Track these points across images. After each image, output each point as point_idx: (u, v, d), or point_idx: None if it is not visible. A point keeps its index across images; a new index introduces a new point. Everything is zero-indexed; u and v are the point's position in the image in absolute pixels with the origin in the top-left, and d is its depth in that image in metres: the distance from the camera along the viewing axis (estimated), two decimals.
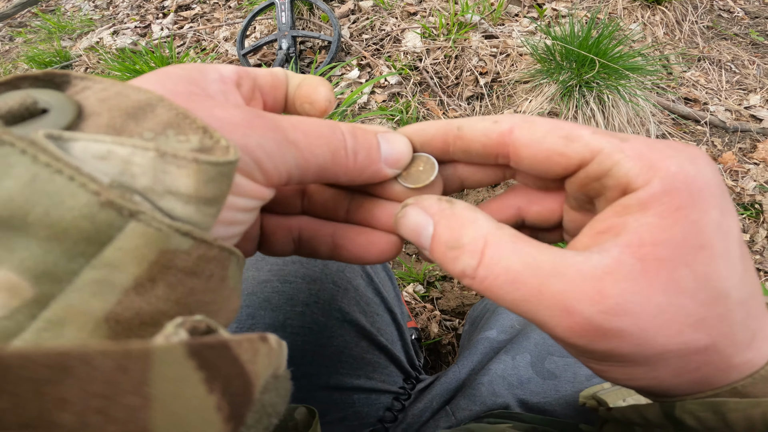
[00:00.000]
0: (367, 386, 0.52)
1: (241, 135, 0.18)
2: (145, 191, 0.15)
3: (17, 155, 0.13)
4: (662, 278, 0.18)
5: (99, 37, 2.02)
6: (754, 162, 1.46)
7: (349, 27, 1.76)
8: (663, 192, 0.18)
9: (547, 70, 1.44)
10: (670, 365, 0.19)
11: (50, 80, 0.17)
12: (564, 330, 0.18)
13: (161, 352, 0.12)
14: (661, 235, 0.18)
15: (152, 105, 0.16)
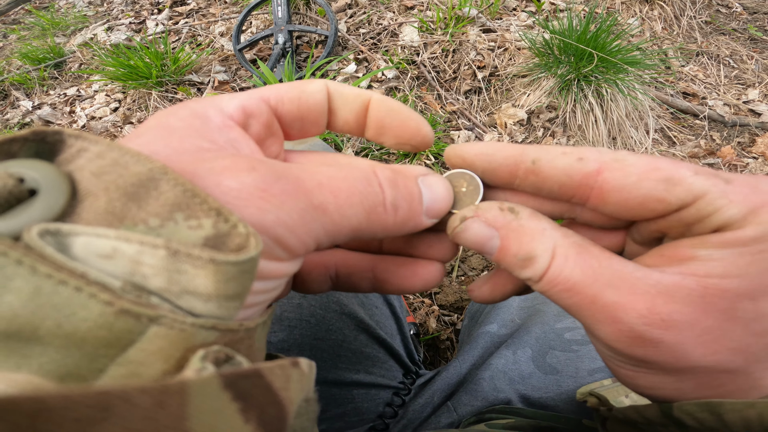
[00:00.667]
0: (367, 381, 0.51)
1: (257, 210, 0.16)
2: (160, 291, 0.14)
3: (13, 266, 0.12)
4: (719, 307, 0.18)
5: (93, 33, 2.00)
6: (753, 156, 1.46)
7: (346, 21, 1.75)
8: (753, 238, 0.17)
9: (545, 64, 1.43)
10: (696, 379, 0.19)
11: (41, 140, 0.15)
12: (607, 334, 0.19)
13: (197, 385, 0.12)
14: (734, 271, 0.18)
15: (155, 180, 0.14)
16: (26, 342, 0.12)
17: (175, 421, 0.11)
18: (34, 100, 1.78)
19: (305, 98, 0.22)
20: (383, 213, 0.19)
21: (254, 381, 0.13)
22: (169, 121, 0.18)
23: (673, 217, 0.19)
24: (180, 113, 0.19)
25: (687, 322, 0.18)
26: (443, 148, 1.28)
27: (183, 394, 0.11)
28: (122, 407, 0.10)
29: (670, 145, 1.49)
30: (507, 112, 1.45)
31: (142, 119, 1.59)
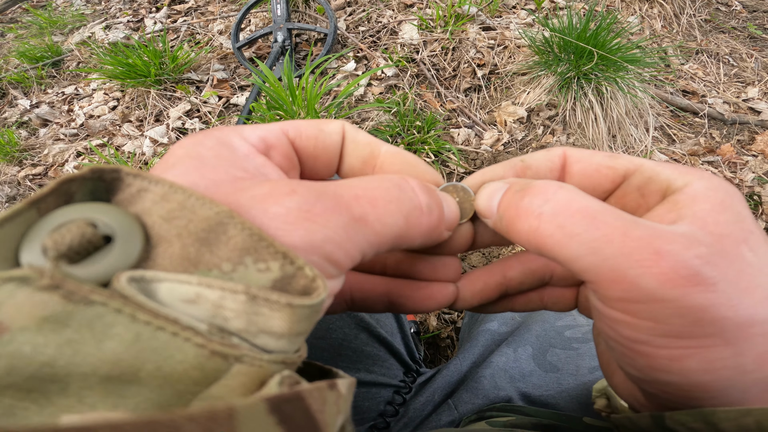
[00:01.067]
0: (368, 380, 0.51)
1: (305, 232, 0.16)
2: (239, 332, 0.15)
3: (112, 315, 0.13)
4: (733, 250, 0.17)
5: (91, 31, 1.99)
6: (753, 154, 1.46)
7: (345, 19, 1.74)
8: (706, 189, 0.19)
9: (545, 61, 1.43)
10: (756, 346, 0.17)
11: (99, 178, 0.16)
12: (654, 277, 0.17)
13: (245, 410, 0.12)
14: (718, 218, 0.18)
15: (223, 225, 0.15)
16: (124, 383, 0.13)
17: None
18: (32, 98, 1.77)
19: (322, 137, 0.23)
20: (420, 216, 0.20)
21: (295, 404, 0.13)
22: (198, 150, 0.19)
23: (624, 186, 0.22)
24: (207, 142, 0.19)
25: (723, 261, 0.17)
26: (443, 146, 1.28)
27: (231, 420, 0.11)
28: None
29: (669, 143, 1.49)
30: (507, 110, 1.45)
31: (141, 117, 1.58)
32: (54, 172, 1.50)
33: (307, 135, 0.22)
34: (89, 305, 0.13)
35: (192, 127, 1.52)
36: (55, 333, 0.12)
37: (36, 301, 0.12)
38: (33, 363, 0.12)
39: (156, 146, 1.48)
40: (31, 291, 0.12)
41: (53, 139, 1.60)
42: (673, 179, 0.20)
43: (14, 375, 0.12)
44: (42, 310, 0.12)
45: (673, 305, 0.17)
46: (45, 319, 0.12)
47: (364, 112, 1.42)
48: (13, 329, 0.12)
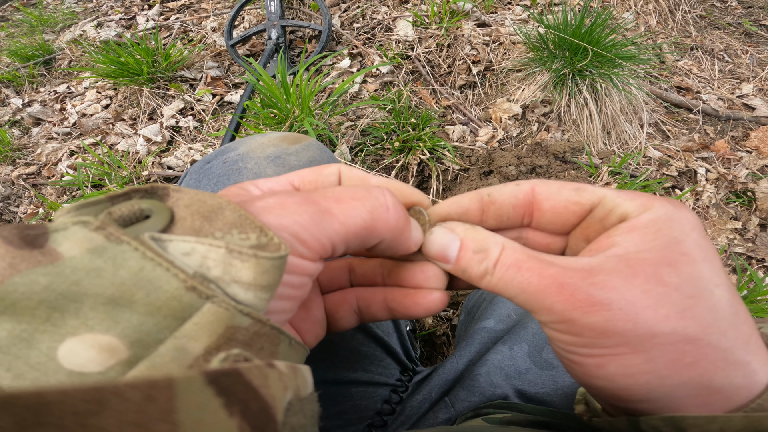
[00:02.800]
0: (364, 379, 0.51)
1: (276, 216, 0.21)
2: (216, 280, 0.19)
3: (131, 251, 0.17)
4: (646, 272, 0.21)
5: (82, 29, 1.97)
6: (747, 150, 1.46)
7: (339, 16, 1.73)
8: (650, 219, 0.22)
9: (540, 58, 1.42)
10: (665, 354, 0.20)
11: (154, 192, 0.21)
12: (561, 303, 0.22)
13: (183, 381, 0.13)
14: (644, 246, 0.22)
15: (222, 208, 0.20)
16: (120, 307, 0.16)
17: (165, 414, 0.12)
18: (24, 97, 1.76)
19: (321, 179, 0.28)
20: (386, 212, 0.24)
21: (234, 378, 0.15)
22: (224, 193, 0.25)
23: (588, 218, 0.25)
24: (231, 190, 0.25)
25: (624, 285, 0.21)
26: (438, 144, 1.28)
27: (170, 389, 0.13)
28: (115, 401, 0.12)
29: (664, 139, 1.49)
30: (502, 107, 1.45)
31: (134, 116, 1.57)
32: (47, 171, 1.49)
33: (309, 180, 0.27)
34: (119, 243, 0.17)
35: (186, 125, 1.51)
36: (90, 261, 0.17)
37: (87, 237, 0.17)
38: (66, 281, 0.16)
39: (150, 145, 1.47)
40: (87, 231, 0.17)
41: (46, 138, 1.59)
42: (631, 210, 0.23)
43: (50, 290, 0.16)
44: (89, 244, 0.17)
45: (580, 322, 0.21)
46: (88, 250, 0.17)
47: (359, 110, 1.41)
48: (66, 258, 0.17)
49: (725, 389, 0.21)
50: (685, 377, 0.21)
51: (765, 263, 1.23)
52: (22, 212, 1.43)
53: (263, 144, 0.54)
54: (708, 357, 0.20)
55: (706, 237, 0.22)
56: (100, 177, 1.36)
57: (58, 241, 0.17)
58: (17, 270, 0.16)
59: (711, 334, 0.20)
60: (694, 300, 0.21)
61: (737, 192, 1.36)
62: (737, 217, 1.32)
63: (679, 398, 0.21)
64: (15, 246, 0.16)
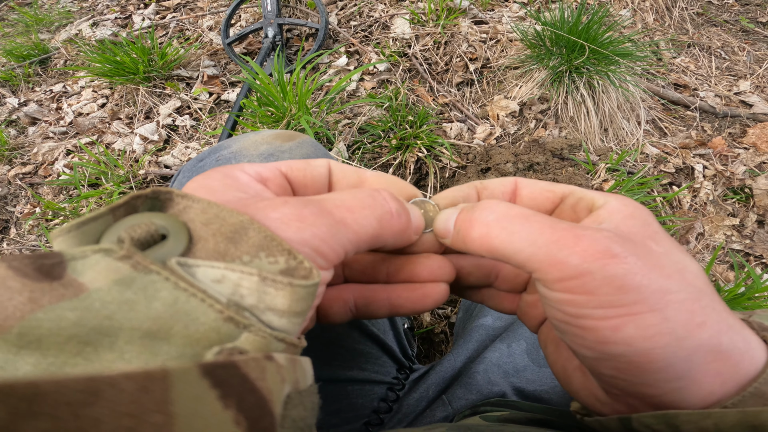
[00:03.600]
0: (361, 377, 0.50)
1: (296, 230, 0.21)
2: (250, 308, 0.19)
3: (162, 282, 0.17)
4: (640, 242, 0.22)
5: (78, 29, 1.96)
6: (744, 147, 1.46)
7: (336, 14, 1.73)
8: (620, 205, 0.24)
9: (537, 55, 1.42)
10: (679, 313, 0.20)
11: (156, 197, 0.20)
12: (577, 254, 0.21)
13: (178, 373, 0.13)
14: (626, 223, 0.23)
15: (245, 228, 0.20)
16: (158, 340, 0.16)
17: (159, 404, 0.12)
18: (20, 97, 1.75)
19: (310, 169, 0.28)
20: (390, 219, 0.24)
21: (230, 371, 0.15)
22: (207, 182, 0.23)
23: (561, 205, 0.28)
24: (214, 176, 0.24)
25: (632, 245, 0.21)
26: (435, 141, 1.27)
27: (165, 380, 0.13)
28: (109, 391, 0.12)
29: (661, 136, 1.49)
30: (499, 104, 1.44)
31: (131, 115, 1.56)
32: (44, 170, 1.48)
33: (297, 167, 0.27)
34: (148, 273, 0.17)
35: (183, 124, 1.50)
36: (119, 293, 0.16)
37: (112, 268, 0.17)
38: (98, 316, 0.16)
39: (146, 143, 1.46)
40: (111, 260, 0.17)
41: (42, 138, 1.58)
42: (596, 199, 0.26)
43: (81, 326, 0.15)
44: (115, 275, 0.16)
45: (597, 276, 0.20)
46: (115, 281, 0.16)
47: (357, 107, 1.41)
48: (91, 290, 0.16)
49: (732, 354, 0.21)
50: (699, 339, 0.20)
51: (763, 260, 1.23)
52: (18, 212, 1.42)
53: (257, 141, 0.54)
54: (711, 317, 0.21)
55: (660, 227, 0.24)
56: (96, 176, 1.36)
57: (78, 270, 0.16)
58: (39, 305, 0.15)
59: (704, 297, 0.21)
60: (681, 266, 0.22)
61: (735, 189, 1.36)
62: (735, 214, 1.32)
63: (698, 364, 0.20)
64: (32, 279, 0.16)
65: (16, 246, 1.35)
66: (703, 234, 1.28)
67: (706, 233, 1.28)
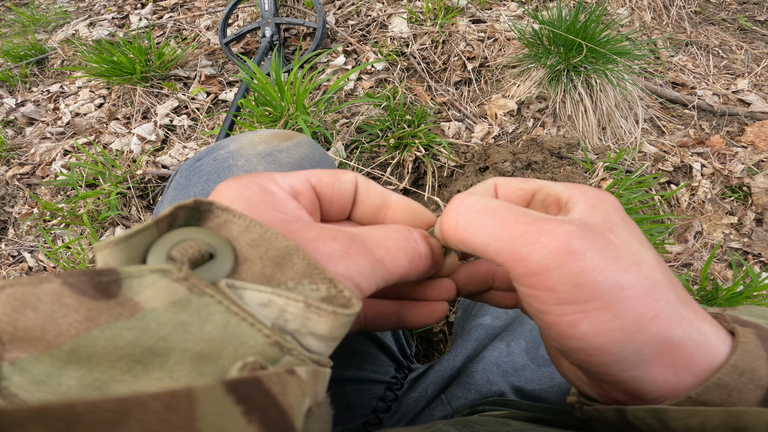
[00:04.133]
0: (359, 377, 0.50)
1: (344, 267, 0.22)
2: (293, 332, 0.20)
3: (215, 305, 0.18)
4: (600, 234, 0.22)
5: (75, 29, 1.96)
6: (742, 145, 1.46)
7: (334, 13, 1.72)
8: (584, 197, 0.25)
9: (535, 54, 1.42)
10: (630, 309, 0.21)
11: (197, 208, 0.21)
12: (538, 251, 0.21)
13: (203, 390, 0.14)
14: (590, 214, 0.24)
15: (290, 255, 0.21)
16: (207, 361, 0.17)
17: (186, 422, 0.13)
18: (17, 97, 1.74)
19: (338, 185, 0.29)
20: (419, 260, 0.26)
21: (253, 386, 0.16)
22: (246, 194, 0.24)
23: (533, 202, 0.29)
24: (252, 188, 0.24)
25: (592, 239, 0.22)
26: (433, 140, 1.27)
27: (191, 399, 0.13)
28: (139, 411, 0.12)
29: (659, 135, 1.49)
30: (497, 103, 1.44)
31: (128, 115, 1.56)
32: (42, 171, 1.48)
33: (326, 182, 0.28)
34: (202, 296, 0.17)
35: (180, 123, 1.50)
36: (175, 315, 0.17)
37: (170, 289, 0.17)
38: (154, 337, 0.16)
39: (144, 143, 1.46)
40: (168, 281, 0.17)
41: (40, 138, 1.57)
42: (563, 193, 0.26)
43: (137, 345, 0.16)
44: (172, 296, 0.17)
45: (555, 273, 0.21)
46: (172, 303, 0.17)
47: (355, 107, 1.40)
48: (147, 309, 0.16)
49: (686, 345, 0.21)
50: (650, 332, 0.21)
51: (761, 258, 1.23)
52: (17, 212, 1.42)
53: (254, 141, 0.54)
54: (664, 311, 0.21)
55: (627, 215, 0.25)
56: (94, 176, 1.35)
57: (134, 289, 0.17)
58: (95, 324, 0.15)
59: (661, 290, 0.21)
60: (638, 257, 0.22)
61: (733, 187, 1.36)
62: (733, 212, 1.32)
63: (648, 356, 0.22)
64: (89, 297, 0.16)
65: (15, 247, 1.35)
66: (701, 232, 1.28)
67: (705, 232, 1.28)
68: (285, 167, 0.51)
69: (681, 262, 1.22)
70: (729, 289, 1.02)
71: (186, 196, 0.50)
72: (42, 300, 0.15)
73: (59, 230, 1.33)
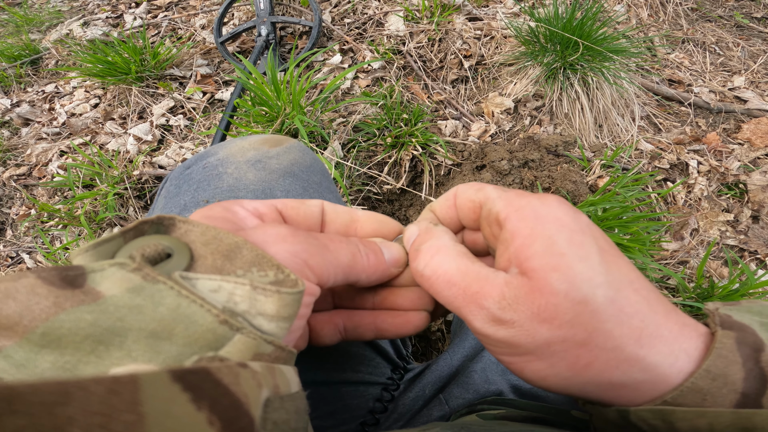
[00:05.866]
0: (354, 379, 0.50)
1: (290, 244, 0.24)
2: (243, 314, 0.21)
3: (167, 290, 0.20)
4: (541, 285, 0.23)
5: (69, 28, 1.94)
6: (739, 142, 1.47)
7: (330, 11, 1.72)
8: (519, 222, 0.25)
9: (532, 52, 1.42)
10: (563, 359, 0.23)
11: (161, 223, 0.23)
12: (479, 320, 0.25)
13: (147, 377, 0.15)
14: (528, 252, 0.24)
15: (239, 248, 0.23)
16: (161, 340, 0.19)
17: (129, 405, 0.14)
18: (12, 97, 1.73)
19: (304, 208, 0.31)
20: (361, 258, 0.28)
21: (202, 376, 0.16)
22: (209, 213, 0.27)
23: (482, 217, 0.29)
24: (215, 209, 0.27)
25: (525, 302, 0.23)
26: (430, 139, 1.27)
27: (134, 384, 0.14)
28: (79, 393, 0.13)
29: (655, 132, 1.49)
30: (494, 101, 1.44)
31: (124, 115, 1.55)
32: (38, 171, 1.47)
33: (291, 206, 0.30)
34: (155, 283, 0.19)
35: (176, 123, 1.49)
36: (131, 299, 0.19)
37: (126, 278, 0.19)
38: (111, 318, 0.18)
39: (140, 144, 1.45)
40: (125, 272, 0.19)
41: (36, 139, 1.57)
42: (500, 211, 0.27)
43: (96, 326, 0.18)
44: (128, 284, 0.19)
45: (492, 338, 0.24)
46: (128, 289, 0.19)
47: (351, 106, 1.40)
48: (107, 296, 0.19)
49: (628, 384, 0.23)
50: (586, 377, 0.23)
51: (757, 255, 1.24)
52: (14, 214, 1.41)
53: (244, 148, 0.53)
54: (599, 358, 0.22)
55: (579, 227, 0.24)
56: (91, 177, 1.35)
57: (96, 281, 0.19)
58: (62, 308, 0.18)
59: (597, 338, 0.22)
60: (581, 306, 0.22)
61: (729, 184, 1.37)
62: (729, 210, 1.32)
63: (592, 393, 0.24)
64: (57, 286, 0.18)
65: (13, 248, 1.34)
66: (697, 230, 1.28)
67: (701, 229, 1.28)
68: (275, 174, 0.51)
69: (677, 259, 1.23)
70: (725, 286, 1.02)
71: (176, 204, 0.50)
72: (20, 291, 0.18)
73: (57, 231, 1.33)
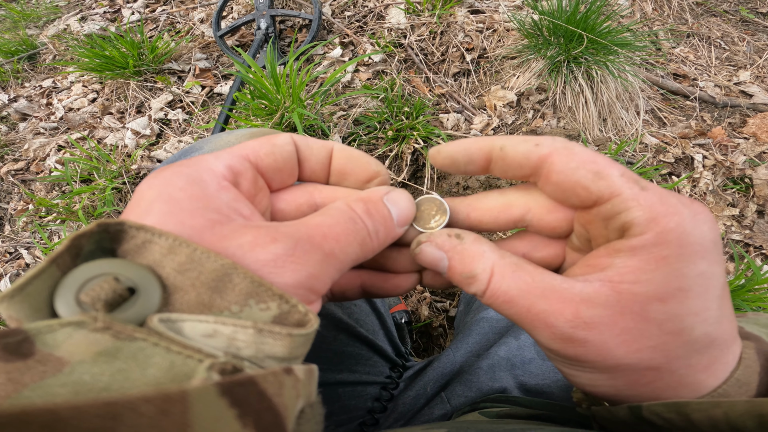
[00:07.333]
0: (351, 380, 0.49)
1: (292, 272, 0.20)
2: (249, 358, 0.18)
3: (151, 347, 0.16)
4: (633, 309, 0.21)
5: (66, 23, 1.93)
6: (744, 137, 1.45)
7: (330, 4, 1.70)
8: (653, 243, 0.20)
9: (535, 45, 1.40)
10: (626, 377, 0.22)
11: (104, 231, 0.18)
12: (544, 338, 0.23)
13: (197, 393, 0.13)
14: (641, 276, 0.21)
15: (228, 275, 0.18)
16: None
17: (179, 427, 0.12)
18: (10, 93, 1.72)
19: (278, 152, 0.25)
20: (370, 241, 0.24)
21: (248, 388, 0.15)
22: (170, 192, 0.20)
23: (594, 210, 0.23)
24: (177, 182, 0.21)
25: (607, 324, 0.21)
26: (432, 132, 1.26)
27: (184, 402, 0.13)
28: (129, 415, 0.11)
29: (660, 126, 1.47)
30: (496, 95, 1.42)
31: (122, 110, 1.53)
32: (36, 166, 1.46)
33: (265, 153, 0.25)
34: (133, 341, 0.16)
35: (175, 117, 1.48)
36: (107, 364, 0.15)
37: (91, 340, 0.15)
38: (93, 389, 0.14)
39: (138, 138, 1.44)
40: (86, 332, 0.15)
41: (33, 134, 1.55)
42: (637, 222, 0.21)
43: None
44: (96, 347, 0.15)
45: (558, 352, 0.23)
46: (99, 353, 0.15)
47: (352, 99, 1.38)
48: (73, 363, 0.15)
49: (672, 398, 0.23)
50: (639, 392, 0.23)
51: (763, 251, 1.22)
52: (12, 209, 1.40)
53: (230, 142, 0.52)
54: (664, 379, 0.22)
55: (716, 261, 0.21)
56: (89, 172, 1.34)
57: (50, 345, 0.15)
58: (22, 384, 0.14)
59: (674, 364, 0.21)
60: (671, 336, 0.21)
61: (735, 179, 1.35)
62: (735, 204, 1.31)
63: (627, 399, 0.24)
64: (2, 360, 0.14)
65: (11, 243, 1.33)
66: None
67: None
68: None
69: None
70: (731, 282, 1.01)
71: None
72: None
73: (55, 226, 1.32)
